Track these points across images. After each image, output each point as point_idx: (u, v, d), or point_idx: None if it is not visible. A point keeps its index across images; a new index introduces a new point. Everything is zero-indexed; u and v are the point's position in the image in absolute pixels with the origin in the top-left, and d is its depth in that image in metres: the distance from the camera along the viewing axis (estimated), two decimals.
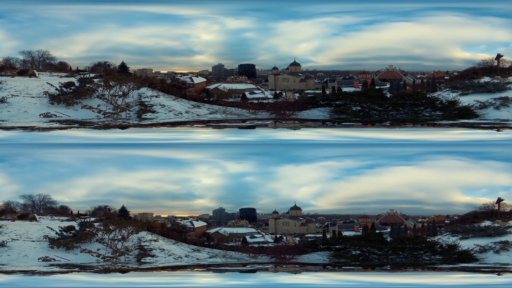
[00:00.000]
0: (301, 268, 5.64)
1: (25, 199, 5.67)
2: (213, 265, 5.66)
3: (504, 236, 5.62)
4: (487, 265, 5.55)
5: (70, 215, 5.71)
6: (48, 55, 5.69)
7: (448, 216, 5.64)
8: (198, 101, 5.85)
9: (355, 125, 5.67)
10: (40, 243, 5.67)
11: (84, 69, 5.75)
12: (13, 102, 5.73)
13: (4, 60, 5.73)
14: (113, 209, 5.64)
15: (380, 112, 5.71)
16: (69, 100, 5.73)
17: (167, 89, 5.82)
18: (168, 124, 5.70)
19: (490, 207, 5.61)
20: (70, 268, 5.59)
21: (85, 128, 5.61)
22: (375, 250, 5.68)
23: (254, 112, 5.73)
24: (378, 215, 5.63)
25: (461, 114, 5.68)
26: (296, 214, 5.67)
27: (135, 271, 5.59)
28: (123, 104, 5.73)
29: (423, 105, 5.71)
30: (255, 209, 5.66)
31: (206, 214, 5.69)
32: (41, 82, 5.78)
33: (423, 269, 5.60)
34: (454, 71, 5.70)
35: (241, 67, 5.73)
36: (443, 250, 5.65)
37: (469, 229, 5.65)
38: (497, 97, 5.68)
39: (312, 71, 5.75)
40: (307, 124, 5.69)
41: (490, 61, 5.64)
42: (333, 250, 5.71)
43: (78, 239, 5.67)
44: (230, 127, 5.68)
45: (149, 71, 5.72)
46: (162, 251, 5.70)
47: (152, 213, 5.67)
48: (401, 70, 5.69)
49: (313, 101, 5.78)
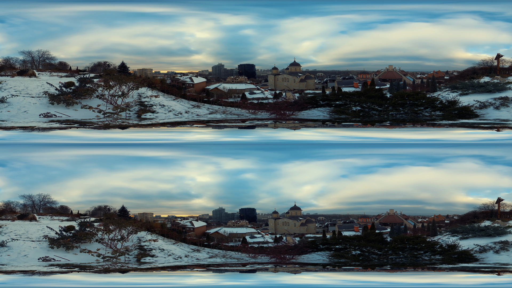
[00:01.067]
0: (301, 268, 5.64)
1: (25, 199, 5.66)
2: (213, 265, 5.66)
3: (504, 236, 5.62)
4: (487, 265, 5.55)
5: (70, 215, 5.70)
6: (48, 55, 5.69)
7: (448, 216, 5.64)
8: (198, 101, 5.85)
9: (355, 125, 5.67)
10: (40, 243, 5.67)
11: (84, 69, 5.75)
12: (13, 102, 5.72)
13: (4, 60, 5.73)
14: (113, 209, 5.64)
15: (380, 112, 5.71)
16: (69, 100, 5.72)
17: (167, 89, 5.82)
18: (168, 124, 5.69)
19: (490, 207, 5.61)
20: (70, 268, 5.58)
21: (85, 128, 5.61)
22: (375, 250, 5.68)
23: (254, 112, 5.73)
24: (378, 215, 5.63)
25: (461, 114, 5.68)
26: (296, 214, 5.67)
27: (135, 271, 5.59)
28: (122, 104, 5.73)
29: (423, 105, 5.71)
30: (255, 209, 5.66)
31: (206, 214, 5.69)
32: (41, 82, 5.78)
33: (423, 269, 5.60)
34: (454, 71, 5.70)
35: (241, 67, 5.73)
36: (443, 250, 5.65)
37: (469, 229, 5.65)
38: (497, 97, 5.68)
39: (312, 71, 5.75)
40: (307, 124, 5.68)
41: (490, 61, 5.64)
42: (333, 250, 5.71)
43: (78, 239, 5.66)
44: (230, 127, 5.68)
45: (149, 71, 5.72)
46: (162, 251, 5.70)
47: (152, 213, 5.67)
48: (401, 70, 5.69)
49: (313, 101, 5.78)
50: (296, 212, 5.65)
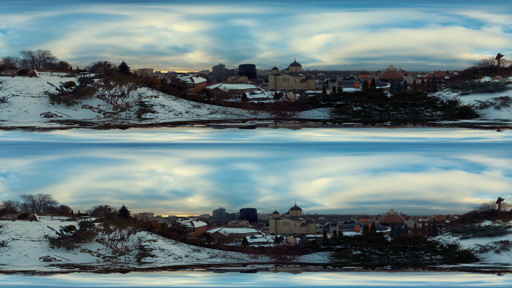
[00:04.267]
0: (302, 268, 5.64)
1: (25, 199, 5.66)
2: (213, 265, 5.66)
3: (505, 236, 5.62)
4: (487, 265, 5.55)
5: (71, 214, 5.70)
6: (49, 55, 5.69)
7: (449, 216, 5.64)
8: (198, 101, 5.85)
9: (355, 125, 5.67)
10: (40, 243, 5.67)
11: (84, 69, 5.75)
12: (14, 102, 5.72)
13: (4, 60, 5.73)
14: (114, 209, 5.64)
15: (381, 112, 5.71)
16: (69, 100, 5.72)
17: (167, 89, 5.82)
18: (168, 124, 5.69)
19: (491, 207, 5.61)
20: (70, 268, 5.58)
21: (85, 128, 5.61)
22: (376, 250, 5.68)
23: (255, 112, 5.73)
24: (378, 215, 5.63)
25: (461, 114, 5.68)
26: (296, 214, 5.67)
27: (135, 271, 5.58)
28: (123, 104, 5.73)
29: (424, 105, 5.71)
30: (256, 209, 5.66)
31: (206, 214, 5.69)
32: (41, 81, 5.78)
33: (424, 269, 5.60)
34: (454, 71, 5.70)
35: (242, 67, 5.73)
36: (443, 250, 5.65)
37: (470, 229, 5.65)
38: (497, 96, 5.68)
39: (313, 71, 5.75)
40: (308, 124, 5.69)
41: (490, 61, 5.65)
42: (334, 250, 5.71)
43: (78, 239, 5.66)
44: (231, 127, 5.68)
45: (149, 71, 5.72)
46: (162, 251, 5.70)
47: (153, 213, 5.66)
48: (402, 70, 5.69)
49: (314, 101, 5.78)
50: (296, 213, 5.65)
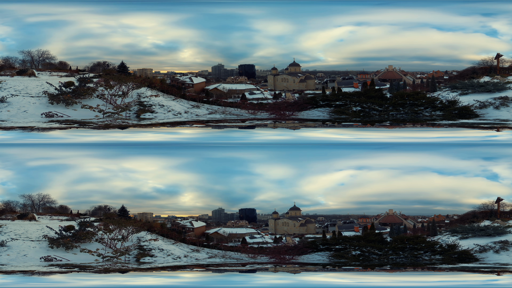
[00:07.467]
0: (301, 268, 5.64)
1: (25, 198, 5.65)
2: (212, 265, 5.65)
3: (504, 235, 5.63)
4: (487, 265, 5.55)
5: (70, 214, 5.69)
6: (48, 55, 5.68)
7: (448, 216, 5.65)
8: (197, 101, 5.85)
9: (355, 125, 5.68)
10: (39, 242, 5.66)
11: (84, 69, 5.75)
12: (13, 102, 5.71)
13: (3, 59, 5.72)
14: (113, 209, 5.63)
15: (380, 112, 5.72)
16: (69, 100, 5.72)
17: (166, 89, 5.82)
18: (167, 124, 5.69)
19: (490, 207, 5.61)
20: (70, 268, 5.57)
21: (85, 128, 5.60)
22: (375, 250, 5.68)
23: (254, 112, 5.73)
24: (377, 215, 5.64)
25: (461, 114, 5.69)
26: (296, 214, 5.66)
27: (134, 271, 5.58)
28: (122, 104, 5.73)
29: (423, 105, 5.72)
30: (255, 210, 5.65)
31: (205, 214, 5.68)
32: (41, 81, 5.77)
33: (423, 269, 5.60)
34: (453, 71, 5.71)
35: (241, 68, 5.73)
36: (443, 250, 5.66)
37: (469, 228, 5.66)
38: (496, 96, 5.69)
39: (312, 71, 5.75)
40: (307, 124, 5.69)
41: (489, 61, 5.66)
42: (333, 251, 5.71)
43: (78, 238, 5.65)
44: (230, 127, 5.68)
45: (149, 71, 5.72)
46: (161, 251, 5.69)
47: (152, 213, 5.66)
48: (401, 70, 5.69)
49: (313, 101, 5.78)
50: (295, 213, 5.65)
